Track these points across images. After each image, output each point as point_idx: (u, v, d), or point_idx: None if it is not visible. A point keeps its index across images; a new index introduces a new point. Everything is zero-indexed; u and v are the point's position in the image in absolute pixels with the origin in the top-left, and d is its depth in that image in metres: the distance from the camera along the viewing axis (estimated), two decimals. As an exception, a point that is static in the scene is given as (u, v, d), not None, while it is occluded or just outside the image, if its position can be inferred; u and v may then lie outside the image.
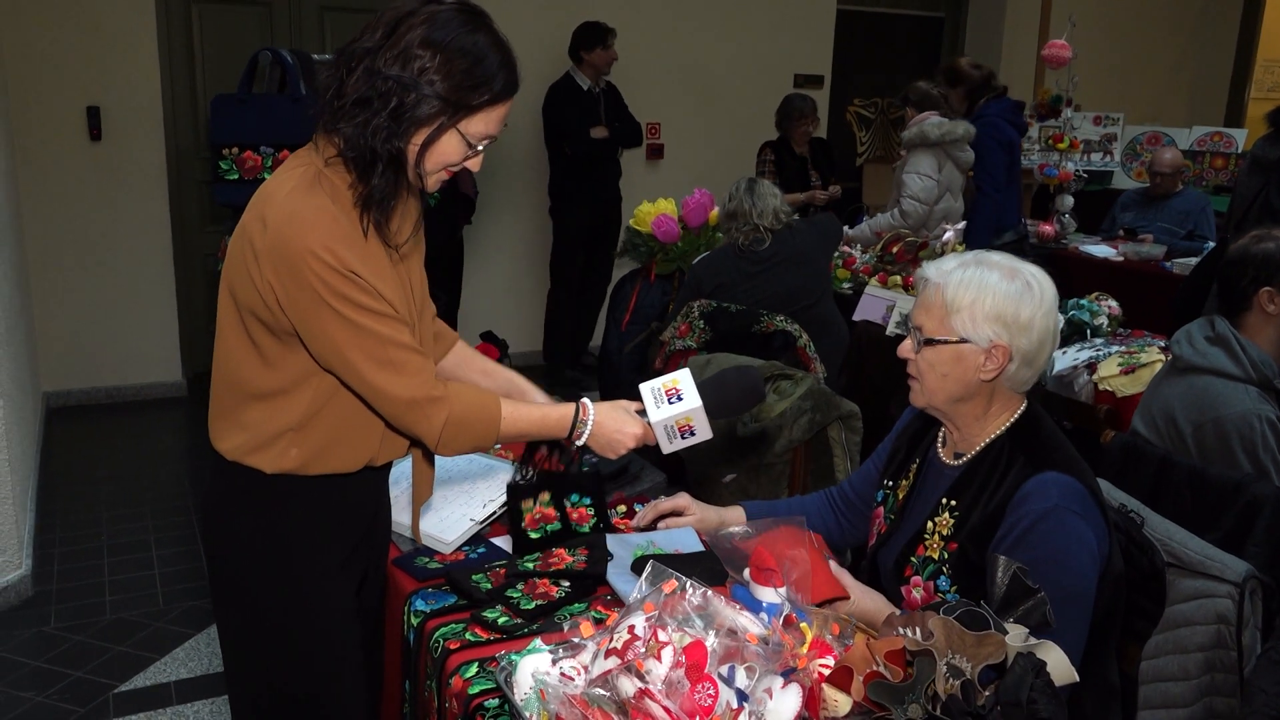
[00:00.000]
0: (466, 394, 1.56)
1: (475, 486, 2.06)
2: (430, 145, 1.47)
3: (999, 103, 4.72)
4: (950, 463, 1.72)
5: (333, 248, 1.43)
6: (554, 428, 1.63)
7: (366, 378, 1.48)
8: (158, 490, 4.28)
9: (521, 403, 1.64)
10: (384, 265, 1.52)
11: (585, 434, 1.63)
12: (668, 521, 1.95)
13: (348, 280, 1.43)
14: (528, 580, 1.75)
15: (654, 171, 6.29)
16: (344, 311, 1.44)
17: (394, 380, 1.48)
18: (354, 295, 1.44)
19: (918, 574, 1.67)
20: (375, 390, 1.49)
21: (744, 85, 6.51)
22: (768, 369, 2.75)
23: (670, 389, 1.66)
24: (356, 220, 1.49)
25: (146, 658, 3.05)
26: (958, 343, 1.61)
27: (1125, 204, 5.88)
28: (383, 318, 1.47)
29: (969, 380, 1.63)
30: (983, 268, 1.60)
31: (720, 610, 1.34)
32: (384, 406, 1.51)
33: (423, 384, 1.50)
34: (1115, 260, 5.24)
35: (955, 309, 1.59)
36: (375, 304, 1.46)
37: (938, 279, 1.63)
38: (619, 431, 1.65)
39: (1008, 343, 1.59)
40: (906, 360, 1.70)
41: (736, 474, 2.76)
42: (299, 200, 1.46)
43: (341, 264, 1.43)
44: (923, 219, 4.65)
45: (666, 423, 1.64)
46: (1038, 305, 1.58)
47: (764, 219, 3.67)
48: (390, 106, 1.43)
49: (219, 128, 3.42)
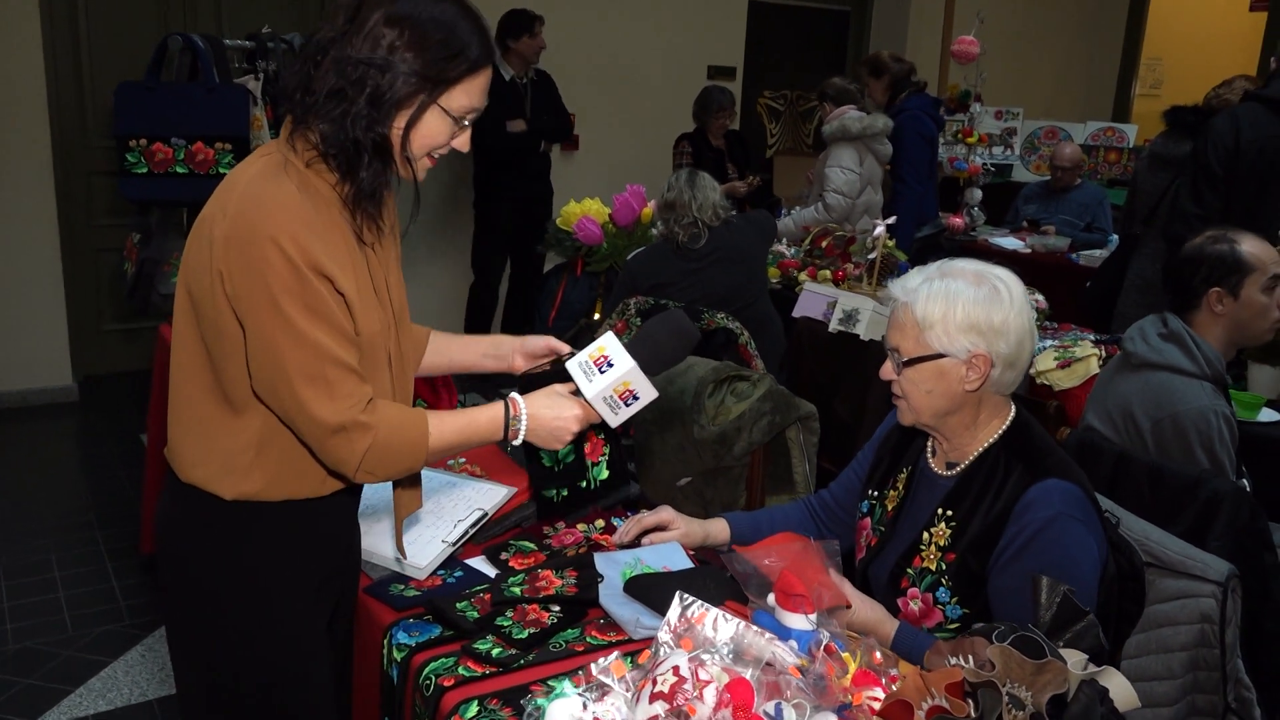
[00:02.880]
0: (392, 417, 1.43)
1: (441, 506, 1.95)
2: (414, 127, 1.39)
3: (920, 97, 4.79)
4: (943, 473, 1.70)
5: (296, 236, 1.32)
6: (485, 431, 1.53)
7: (296, 391, 1.36)
8: (55, 505, 3.98)
9: (447, 413, 1.52)
10: (350, 264, 1.41)
11: (522, 430, 1.53)
12: (652, 537, 1.88)
13: (302, 278, 1.33)
14: (516, 607, 1.66)
15: (569, 163, 6.18)
16: (289, 312, 1.33)
17: (322, 401, 1.36)
18: (306, 296, 1.34)
19: (914, 585, 1.65)
20: (300, 407, 1.37)
21: (659, 77, 6.46)
22: (724, 370, 2.71)
23: (598, 358, 1.56)
24: (329, 216, 1.39)
25: (59, 690, 2.83)
26: (936, 358, 1.59)
27: (1028, 196, 6.06)
28: (330, 329, 1.36)
29: (954, 393, 1.61)
30: (948, 279, 1.59)
31: (752, 641, 1.28)
32: (305, 428, 1.39)
33: (350, 408, 1.37)
34: (1023, 252, 5.38)
35: (928, 325, 1.58)
36: (325, 310, 1.35)
37: (905, 297, 1.61)
38: (558, 419, 1.55)
39: (986, 350, 1.58)
40: (890, 381, 1.67)
41: (692, 477, 2.71)
42: (263, 185, 1.36)
43: (303, 255, 1.32)
44: (846, 212, 4.68)
45: (604, 394, 1.54)
46: (1009, 307, 1.57)
47: (703, 213, 3.62)
48: (366, 92, 1.34)
49: (124, 117, 3.17)
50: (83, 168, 5.04)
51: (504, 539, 1.92)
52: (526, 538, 1.92)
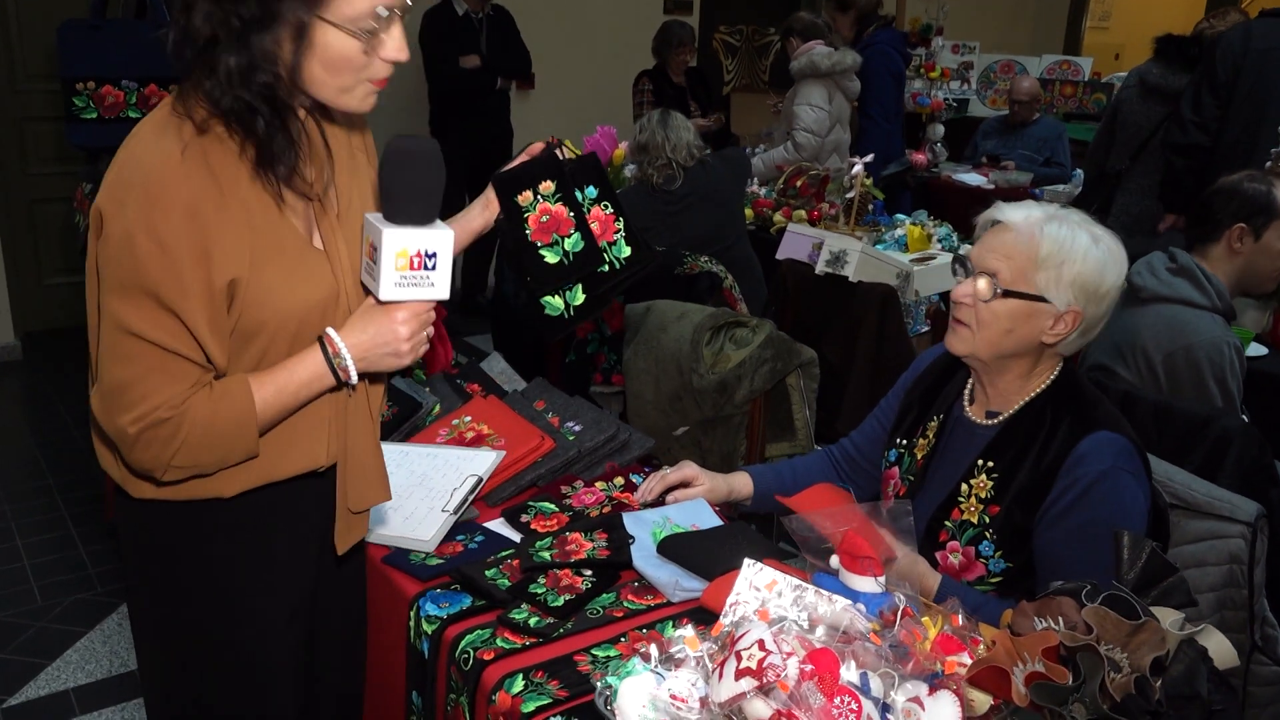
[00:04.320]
0: (202, 400, 1.23)
1: (428, 479, 1.83)
2: (305, 57, 1.17)
3: (887, 32, 4.71)
4: (982, 421, 1.65)
5: (159, 217, 1.14)
6: (311, 378, 1.28)
7: (105, 371, 1.20)
8: (9, 471, 3.80)
9: (265, 373, 1.27)
10: (255, 237, 1.21)
11: (350, 365, 1.29)
12: (676, 494, 1.82)
13: (145, 262, 1.15)
14: (548, 572, 1.59)
15: (526, 101, 5.99)
16: (117, 297, 1.17)
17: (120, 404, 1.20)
18: (146, 281, 1.16)
19: (954, 539, 1.61)
20: (104, 392, 1.21)
21: (615, 11, 6.27)
22: (721, 316, 2.64)
23: (367, 251, 1.30)
24: (227, 183, 1.20)
25: (35, 664, 2.71)
26: (1035, 299, 1.53)
27: (986, 132, 6.03)
28: (163, 311, 1.17)
29: (1031, 339, 1.55)
30: (1071, 227, 1.53)
31: (821, 605, 1.23)
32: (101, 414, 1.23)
33: (155, 409, 1.19)
34: (987, 188, 5.36)
35: (1043, 264, 1.51)
36: (168, 298, 1.16)
37: (1026, 227, 1.53)
38: (381, 333, 1.29)
39: (1083, 309, 1.52)
40: (957, 303, 1.59)
41: (689, 427, 2.65)
42: (142, 151, 1.19)
43: (156, 236, 1.14)
44: (816, 151, 4.61)
45: (396, 280, 1.25)
46: (1116, 277, 1.53)
47: (677, 154, 3.53)
48: (236, 31, 1.14)
49: (70, 59, 2.95)
50: (13, 114, 4.74)
51: (522, 499, 1.85)
52: (545, 498, 1.85)
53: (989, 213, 1.61)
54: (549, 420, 2.03)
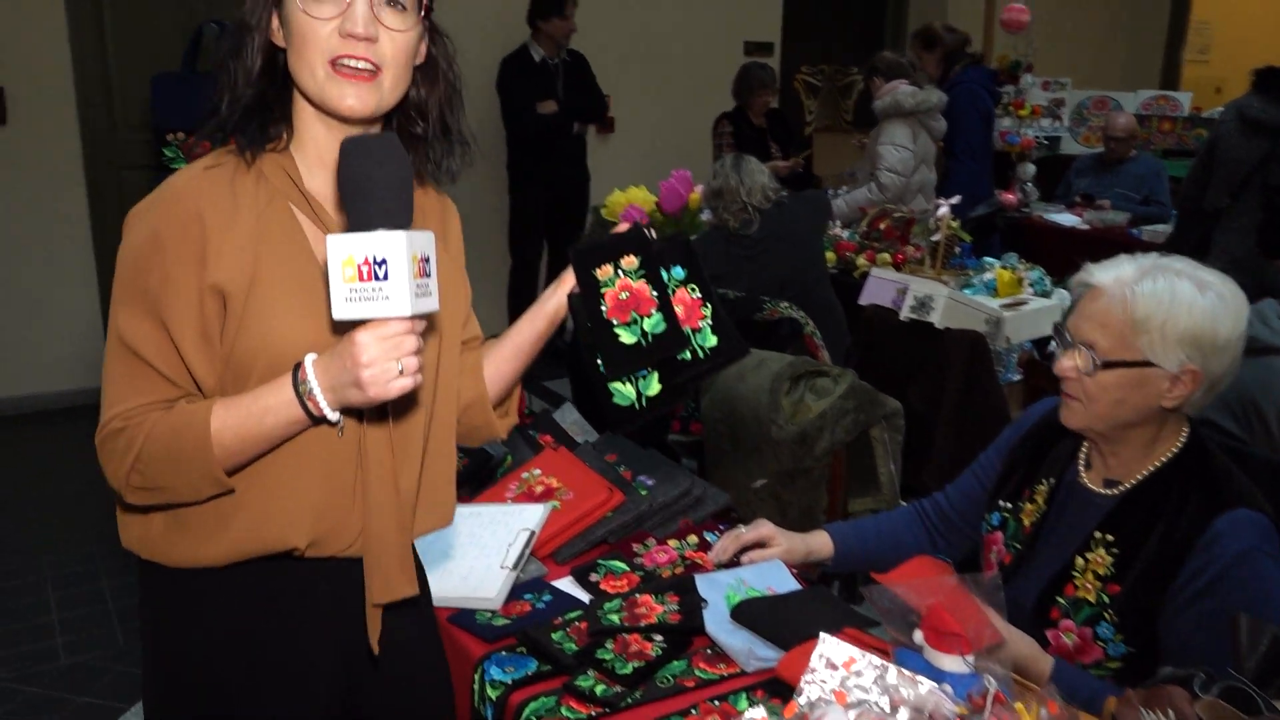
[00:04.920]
0: (165, 418, 1.18)
1: (479, 538, 1.79)
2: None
3: (975, 69, 4.62)
4: (1101, 491, 1.54)
5: (162, 220, 1.17)
6: (277, 403, 1.16)
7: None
8: (100, 510, 3.90)
9: (233, 399, 1.18)
10: (258, 259, 1.18)
11: (316, 391, 1.14)
12: (752, 555, 1.76)
13: (146, 264, 1.16)
14: (616, 637, 1.54)
15: (605, 145, 6.04)
16: (119, 301, 1.19)
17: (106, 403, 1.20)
18: (138, 281, 1.16)
19: (1068, 617, 1.50)
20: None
21: (694, 54, 6.29)
22: (800, 365, 2.57)
23: (324, 269, 1.14)
24: (255, 203, 1.20)
25: (115, 708, 2.74)
26: (1142, 365, 1.43)
27: (1080, 170, 5.87)
28: (151, 321, 1.16)
29: (1147, 407, 1.45)
30: (1170, 277, 1.43)
31: (903, 687, 1.15)
32: None
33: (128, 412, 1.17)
34: (1081, 229, 5.21)
35: (1143, 327, 1.41)
36: (157, 306, 1.16)
37: (1117, 289, 1.44)
38: (340, 356, 1.12)
39: (1200, 366, 1.42)
40: (1063, 378, 1.51)
41: (768, 479, 2.58)
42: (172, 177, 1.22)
43: (155, 240, 1.16)
44: (900, 192, 4.53)
45: (345, 293, 1.06)
46: (1234, 322, 1.42)
47: (752, 197, 3.50)
48: (229, 49, 1.22)
49: (162, 110, 3.05)
50: (114, 162, 4.94)
51: (592, 557, 1.80)
52: (615, 556, 1.80)
53: (1079, 276, 1.52)
54: (621, 474, 1.99)
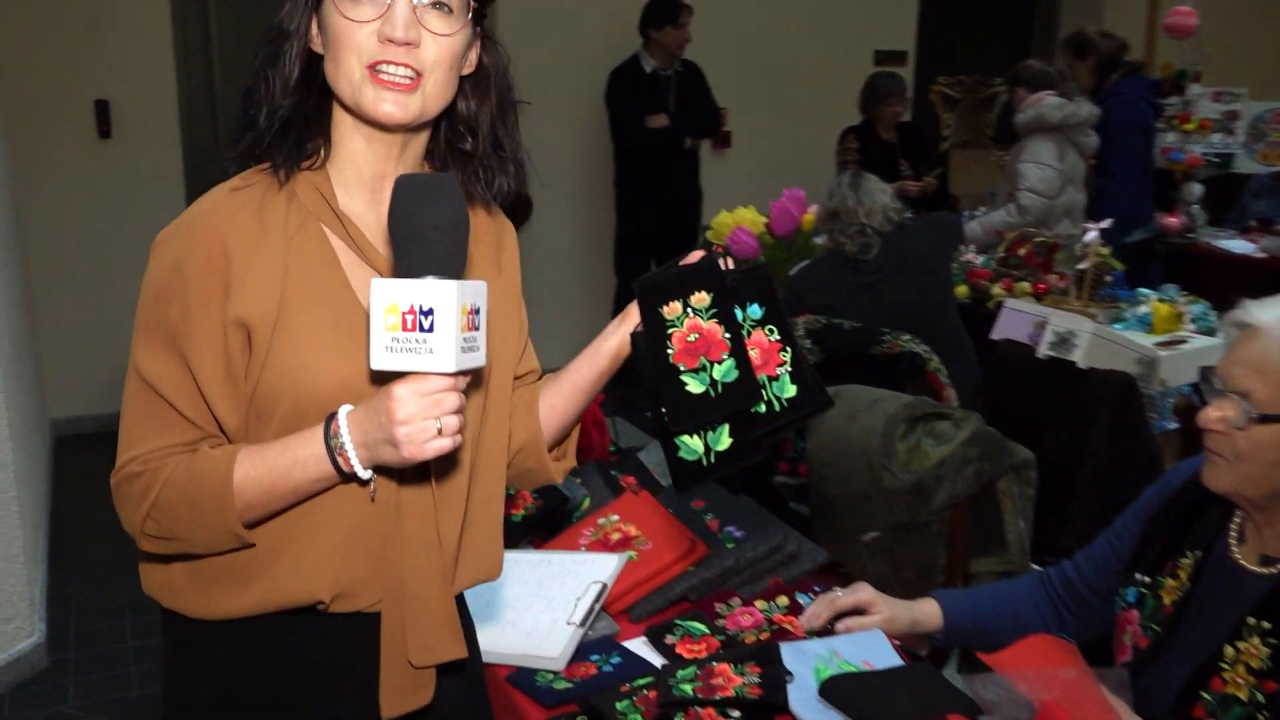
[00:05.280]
0: (181, 461, 1.17)
1: (546, 589, 1.74)
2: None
3: (1133, 79, 4.39)
4: (1256, 569, 1.39)
5: (184, 249, 1.16)
6: (306, 457, 1.14)
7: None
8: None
9: (262, 446, 1.17)
10: (280, 290, 1.16)
11: (348, 447, 1.12)
12: (848, 622, 1.65)
13: (167, 293, 1.16)
14: (688, 710, 1.45)
15: (721, 161, 5.98)
16: (139, 330, 1.19)
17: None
18: (158, 313, 1.16)
19: (1214, 716, 1.34)
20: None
21: (819, 64, 6.20)
22: (918, 406, 2.44)
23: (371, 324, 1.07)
24: (284, 228, 1.19)
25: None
26: None
27: (1257, 191, 5.56)
28: (171, 355, 1.15)
29: None
30: None
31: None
32: None
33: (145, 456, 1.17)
34: (1255, 257, 4.90)
35: None
36: (174, 338, 1.15)
37: (1277, 331, 1.30)
38: (376, 412, 1.09)
39: None
40: (1208, 431, 1.37)
41: (880, 532, 2.45)
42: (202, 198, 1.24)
43: (178, 268, 1.15)
44: (1043, 214, 4.33)
45: (386, 342, 1.04)
46: None
47: (872, 219, 3.38)
48: (266, 57, 1.21)
49: (251, 125, 3.13)
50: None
51: (669, 616, 1.72)
52: (695, 616, 1.71)
53: (1234, 314, 1.39)
54: (707, 523, 1.91)
